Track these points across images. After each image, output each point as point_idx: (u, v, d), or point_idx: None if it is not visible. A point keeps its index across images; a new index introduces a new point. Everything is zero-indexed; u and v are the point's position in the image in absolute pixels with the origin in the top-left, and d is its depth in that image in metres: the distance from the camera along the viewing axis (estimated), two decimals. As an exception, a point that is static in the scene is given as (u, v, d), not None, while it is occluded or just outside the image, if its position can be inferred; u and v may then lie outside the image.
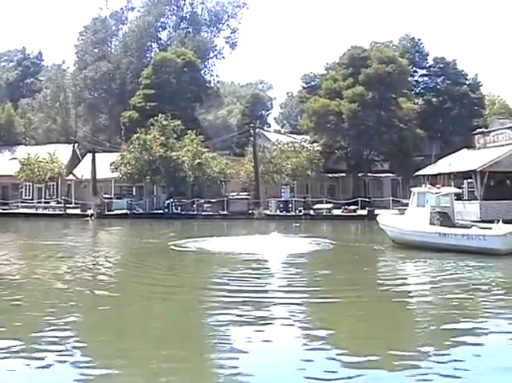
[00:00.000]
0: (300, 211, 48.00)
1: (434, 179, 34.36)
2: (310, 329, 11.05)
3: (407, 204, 27.76)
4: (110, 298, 14.08)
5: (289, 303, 13.19)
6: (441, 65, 68.69)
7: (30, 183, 60.75)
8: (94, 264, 19.74)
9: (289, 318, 11.76)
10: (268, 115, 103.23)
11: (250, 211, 49.46)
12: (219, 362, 8.99)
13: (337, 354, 9.18)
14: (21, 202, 58.81)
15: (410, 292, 15.22)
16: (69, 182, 61.62)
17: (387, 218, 27.97)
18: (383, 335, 10.42)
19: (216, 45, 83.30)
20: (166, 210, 50.57)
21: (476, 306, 13.19)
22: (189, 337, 10.77)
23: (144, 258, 22.14)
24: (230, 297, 13.66)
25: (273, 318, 11.89)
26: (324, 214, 46.93)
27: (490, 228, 22.32)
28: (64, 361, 8.86)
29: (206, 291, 15.23)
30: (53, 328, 10.86)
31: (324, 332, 10.67)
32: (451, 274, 17.46)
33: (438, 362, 8.80)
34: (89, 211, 51.45)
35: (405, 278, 17.64)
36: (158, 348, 9.78)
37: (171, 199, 51.31)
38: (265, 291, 14.99)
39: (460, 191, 33.98)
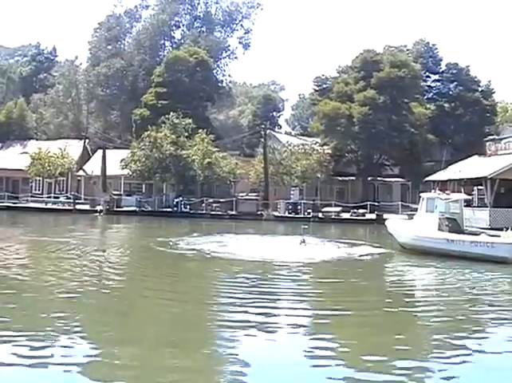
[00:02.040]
0: (308, 214, 47.89)
1: (444, 185, 34.22)
2: (317, 339, 10.74)
3: (416, 209, 27.69)
4: (110, 300, 13.96)
5: (298, 309, 13.09)
6: (454, 71, 68.44)
7: (40, 178, 61.01)
8: (98, 265, 19.64)
9: (298, 328, 11.49)
10: (279, 116, 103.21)
11: (259, 212, 49.46)
12: (221, 370, 8.98)
13: (343, 369, 9.02)
14: (31, 196, 59.10)
15: (417, 302, 15.00)
16: (79, 178, 61.87)
17: (395, 223, 27.95)
18: (390, 348, 10.14)
19: (229, 45, 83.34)
20: (175, 208, 50.64)
21: (483, 317, 12.96)
22: (191, 343, 10.59)
23: (151, 261, 21.74)
24: (238, 301, 13.58)
25: (280, 327, 11.59)
26: (333, 217, 46.87)
27: (499, 236, 22.22)
28: (64, 364, 8.77)
29: (212, 295, 15.23)
30: (51, 326, 10.82)
31: (330, 344, 10.47)
32: (459, 283, 17.36)
33: (441, 372, 8.79)
34: (98, 207, 51.63)
35: (412, 287, 17.55)
36: (158, 350, 9.75)
37: (180, 198, 51.37)
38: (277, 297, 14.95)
39: (470, 197, 33.85)
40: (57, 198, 57.97)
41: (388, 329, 11.54)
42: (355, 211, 48.43)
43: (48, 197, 58.82)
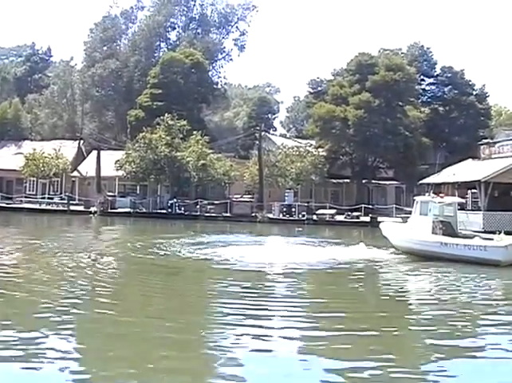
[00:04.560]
0: (303, 216, 47.91)
1: (438, 188, 34.31)
2: (312, 345, 10.62)
3: (410, 212, 27.75)
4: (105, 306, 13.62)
5: (291, 316, 12.92)
6: (449, 75, 68.71)
7: (35, 179, 60.88)
8: (88, 270, 19.38)
9: (291, 337, 11.11)
10: (274, 118, 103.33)
11: (253, 214, 49.43)
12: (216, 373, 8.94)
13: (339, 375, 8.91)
14: (25, 197, 58.89)
15: (411, 306, 14.98)
16: (74, 178, 61.76)
17: (390, 225, 27.99)
18: (385, 353, 10.03)
19: (225, 47, 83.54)
20: (169, 210, 50.56)
21: (477, 321, 12.94)
22: (187, 349, 10.50)
23: (143, 267, 20.63)
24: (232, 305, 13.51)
25: (274, 333, 11.32)
26: (327, 219, 46.92)
27: (492, 239, 22.27)
28: (59, 367, 8.71)
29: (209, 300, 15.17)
30: (46, 331, 10.68)
31: (326, 352, 10.24)
32: (452, 286, 17.34)
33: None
34: (92, 209, 51.56)
35: (406, 291, 17.49)
36: (154, 354, 9.72)
37: (175, 200, 51.32)
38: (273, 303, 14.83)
39: (464, 201, 33.93)
40: (51, 199, 57.80)
41: (384, 334, 11.43)
42: (349, 213, 48.49)
43: (42, 198, 58.58)
